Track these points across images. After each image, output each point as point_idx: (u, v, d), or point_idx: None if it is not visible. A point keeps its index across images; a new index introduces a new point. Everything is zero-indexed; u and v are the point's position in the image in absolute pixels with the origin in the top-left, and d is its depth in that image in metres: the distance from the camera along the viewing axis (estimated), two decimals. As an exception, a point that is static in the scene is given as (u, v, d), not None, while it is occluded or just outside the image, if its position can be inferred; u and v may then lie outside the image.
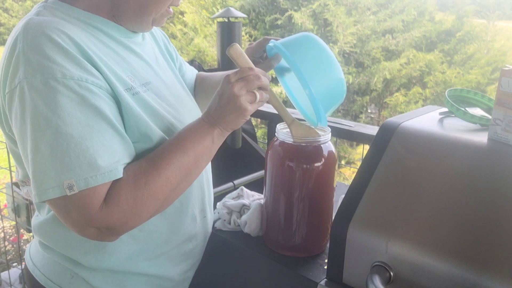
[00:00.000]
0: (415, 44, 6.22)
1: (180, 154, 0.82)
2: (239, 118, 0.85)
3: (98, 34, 0.85)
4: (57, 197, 0.73)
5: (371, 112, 6.48)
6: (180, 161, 0.82)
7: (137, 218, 0.80)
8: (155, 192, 0.79)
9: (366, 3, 6.32)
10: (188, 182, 0.88)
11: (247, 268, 1.10)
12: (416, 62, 5.85)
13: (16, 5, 7.04)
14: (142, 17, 0.88)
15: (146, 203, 0.79)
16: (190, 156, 0.83)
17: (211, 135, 0.85)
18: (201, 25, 6.15)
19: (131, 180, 0.78)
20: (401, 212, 0.82)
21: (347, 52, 6.07)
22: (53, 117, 0.73)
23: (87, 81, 0.76)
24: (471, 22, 6.30)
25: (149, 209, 0.81)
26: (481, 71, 5.68)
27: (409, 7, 6.30)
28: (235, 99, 0.82)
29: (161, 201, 0.82)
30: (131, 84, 0.84)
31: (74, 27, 0.81)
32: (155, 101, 0.89)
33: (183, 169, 0.83)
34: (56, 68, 0.74)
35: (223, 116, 0.84)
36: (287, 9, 6.22)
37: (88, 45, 0.80)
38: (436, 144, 0.87)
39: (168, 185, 0.81)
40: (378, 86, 5.91)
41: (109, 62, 0.82)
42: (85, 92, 0.75)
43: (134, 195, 0.77)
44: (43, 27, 0.77)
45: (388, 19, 6.24)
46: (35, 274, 0.94)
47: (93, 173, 0.73)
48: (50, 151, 0.73)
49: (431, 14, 6.61)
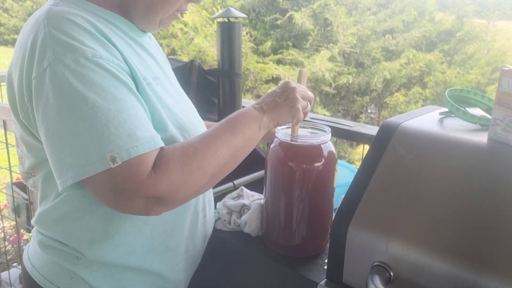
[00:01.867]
0: (415, 44, 6.22)
1: (229, 133, 0.86)
2: (289, 115, 0.93)
3: (112, 28, 0.87)
4: (101, 171, 0.73)
5: (371, 112, 6.48)
6: (229, 139, 0.85)
7: (186, 188, 0.80)
8: (203, 164, 0.81)
9: (366, 3, 6.32)
10: (235, 162, 0.89)
11: (247, 268, 1.10)
12: (416, 62, 5.85)
13: (16, 5, 7.04)
14: (150, 16, 0.90)
15: (194, 173, 0.80)
16: (239, 137, 0.87)
17: (259, 121, 0.90)
18: (201, 25, 6.15)
19: (179, 150, 0.80)
20: (401, 212, 0.82)
21: (347, 52, 6.08)
22: (89, 93, 0.74)
23: (113, 61, 0.79)
24: (471, 22, 6.31)
25: (197, 181, 0.81)
26: (481, 71, 5.68)
27: (409, 7, 6.31)
28: (294, 99, 0.93)
29: (209, 175, 0.83)
30: (144, 74, 0.87)
31: (92, 19, 0.83)
32: (164, 95, 0.91)
33: (231, 148, 0.85)
34: (86, 48, 0.76)
35: (277, 107, 0.92)
36: (287, 9, 6.22)
37: (106, 32, 0.83)
38: (436, 144, 0.87)
39: (216, 160, 0.83)
40: (378, 86, 5.91)
41: (124, 52, 0.84)
42: (115, 70, 0.78)
43: (183, 164, 0.78)
44: (65, 13, 0.79)
45: (388, 19, 6.25)
46: (33, 275, 0.94)
47: (134, 143, 0.74)
48: (88, 125, 0.74)
49: (431, 14, 6.62)
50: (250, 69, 5.88)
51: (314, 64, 5.68)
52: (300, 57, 5.94)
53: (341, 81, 5.85)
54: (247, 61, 5.94)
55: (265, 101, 0.93)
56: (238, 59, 1.57)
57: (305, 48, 6.18)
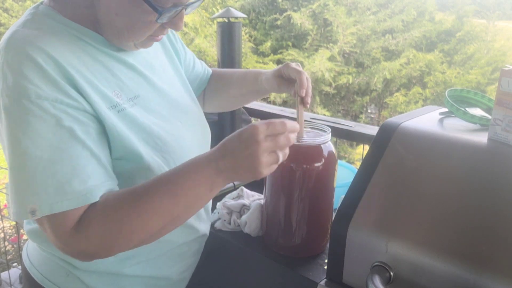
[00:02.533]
0: (415, 44, 6.23)
1: (168, 200, 0.74)
2: (250, 178, 0.76)
3: (86, 46, 0.82)
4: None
5: (371, 112, 6.49)
6: (167, 208, 0.74)
7: (108, 252, 0.76)
8: (129, 233, 0.74)
9: (366, 3, 6.32)
10: (172, 227, 0.81)
11: (247, 268, 1.10)
12: (416, 62, 5.86)
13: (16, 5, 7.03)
14: (120, 40, 0.84)
15: (117, 240, 0.74)
16: (180, 204, 0.76)
17: (211, 182, 0.76)
18: (201, 25, 6.15)
19: (106, 213, 0.73)
20: (401, 212, 0.82)
21: (347, 52, 6.08)
22: (24, 138, 0.71)
23: (62, 102, 0.73)
24: (471, 22, 6.31)
25: (121, 247, 0.76)
26: (481, 71, 5.69)
27: (409, 7, 6.31)
28: (256, 160, 0.73)
29: (135, 243, 0.77)
30: (116, 100, 0.81)
31: (61, 41, 0.78)
32: (142, 116, 0.85)
33: (168, 216, 0.76)
34: (32, 88, 0.71)
35: (235, 169, 0.75)
36: (287, 10, 6.23)
37: (72, 62, 0.77)
38: (436, 144, 0.87)
39: (144, 231, 0.75)
40: (378, 86, 5.91)
41: (93, 79, 0.79)
42: (60, 114, 0.72)
43: (104, 230, 0.73)
44: (26, 43, 0.74)
45: (388, 19, 6.25)
46: (32, 272, 0.94)
47: (59, 198, 0.70)
48: (17, 172, 0.72)
49: (431, 14, 6.62)
50: (250, 69, 5.88)
51: (314, 64, 5.68)
52: (300, 57, 5.94)
53: (341, 81, 5.86)
54: (247, 61, 5.94)
55: (225, 156, 0.75)
56: (238, 59, 1.57)
57: (304, 48, 6.18)
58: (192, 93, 1.07)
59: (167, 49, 1.04)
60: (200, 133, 1.02)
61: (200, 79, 1.17)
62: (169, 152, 0.88)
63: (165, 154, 0.88)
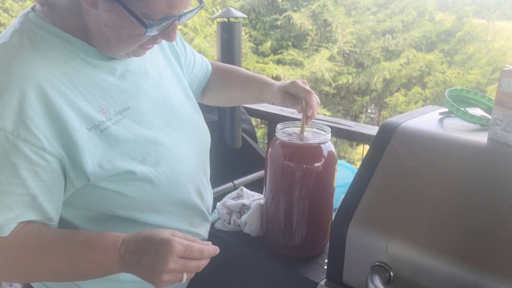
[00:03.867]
0: (415, 44, 6.23)
1: (65, 264, 0.77)
2: (147, 281, 0.77)
3: (75, 59, 0.81)
4: None
5: (371, 112, 6.49)
6: (61, 270, 0.78)
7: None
8: (20, 276, 0.81)
9: (365, 3, 6.33)
10: (62, 281, 0.87)
11: (247, 268, 1.10)
12: (416, 62, 5.86)
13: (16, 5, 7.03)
14: (110, 50, 0.82)
15: (5, 276, 0.81)
16: (75, 271, 0.79)
17: (110, 268, 0.78)
18: (201, 25, 6.15)
19: (5, 252, 0.76)
20: (401, 212, 0.82)
21: (347, 52, 6.08)
22: None
23: (18, 135, 0.72)
24: (471, 22, 6.31)
25: (11, 280, 0.85)
26: (481, 71, 5.69)
27: (409, 7, 6.31)
28: (159, 275, 0.74)
29: (26, 281, 0.86)
30: (99, 119, 0.80)
31: (47, 59, 0.77)
32: (131, 130, 0.85)
33: (60, 276, 0.81)
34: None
35: (137, 269, 0.76)
36: (287, 10, 6.23)
37: (55, 84, 0.76)
38: (436, 144, 0.87)
39: (34, 278, 0.83)
40: (378, 86, 5.91)
41: (77, 99, 0.78)
42: (9, 147, 0.72)
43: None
44: (7, 65, 0.74)
45: (388, 19, 6.25)
46: None
47: None
48: None
49: (431, 14, 6.62)
50: (250, 69, 5.87)
51: (314, 64, 5.68)
52: (300, 57, 5.94)
53: (341, 81, 5.86)
54: (247, 61, 5.94)
55: (132, 255, 0.75)
56: (238, 59, 1.57)
57: (304, 48, 6.18)
58: (192, 98, 1.05)
59: (166, 52, 1.03)
60: (198, 141, 1.01)
61: (200, 77, 1.17)
62: (161, 164, 0.87)
63: (157, 167, 0.87)
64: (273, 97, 1.05)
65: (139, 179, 0.84)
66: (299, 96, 0.99)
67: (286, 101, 1.02)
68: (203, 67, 1.18)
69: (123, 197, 0.84)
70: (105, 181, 0.81)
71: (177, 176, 0.90)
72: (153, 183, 0.86)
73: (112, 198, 0.83)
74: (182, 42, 1.11)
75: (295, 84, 0.99)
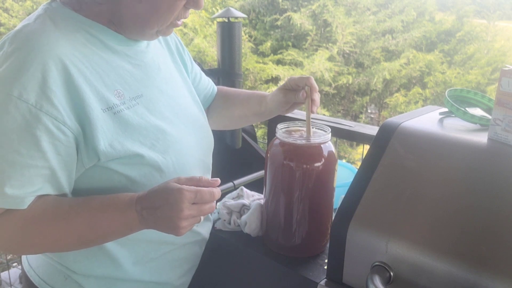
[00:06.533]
0: (415, 45, 6.22)
1: (86, 227, 0.79)
2: (170, 233, 0.80)
3: (95, 43, 0.83)
4: None
5: (371, 112, 6.49)
6: (82, 233, 0.80)
7: (18, 252, 0.83)
8: (39, 246, 0.82)
9: (365, 4, 6.32)
10: (84, 247, 0.86)
11: (247, 268, 1.10)
12: (416, 63, 5.86)
13: (16, 5, 7.03)
14: (143, 30, 0.86)
15: (26, 249, 0.84)
16: (97, 233, 0.81)
17: (131, 226, 0.80)
18: (201, 26, 6.15)
19: (24, 223, 0.77)
20: (401, 212, 0.82)
21: (347, 52, 6.08)
22: None
23: (41, 108, 0.73)
24: (471, 22, 6.30)
25: (30, 252, 0.86)
26: (481, 71, 5.68)
27: (409, 7, 6.31)
28: (177, 223, 0.77)
29: (46, 250, 0.86)
30: (114, 102, 0.82)
31: (69, 39, 0.79)
32: (142, 116, 0.86)
33: (81, 239, 0.81)
34: (17, 86, 0.72)
35: (156, 223, 0.79)
36: (287, 10, 6.23)
37: (76, 63, 0.78)
38: (436, 144, 0.87)
39: (55, 247, 0.84)
40: (378, 86, 5.91)
41: (94, 80, 0.80)
42: (32, 119, 0.73)
43: (16, 236, 0.79)
44: (31, 41, 0.76)
45: (387, 19, 6.25)
46: (30, 275, 0.94)
47: None
48: None
49: (431, 14, 6.62)
50: (249, 69, 5.88)
51: (313, 64, 5.68)
52: (300, 57, 5.94)
53: (341, 81, 5.85)
54: (247, 61, 5.94)
55: (148, 210, 0.78)
56: (238, 59, 1.57)
57: (304, 48, 6.18)
58: (198, 102, 1.07)
59: (175, 59, 1.05)
60: (203, 140, 1.02)
61: (204, 95, 1.18)
62: (169, 152, 0.89)
63: (165, 154, 0.88)
64: (274, 100, 1.06)
65: (148, 164, 0.85)
66: (298, 87, 1.00)
67: (287, 95, 1.03)
68: (208, 86, 1.20)
69: (131, 182, 0.85)
70: (114, 162, 0.82)
71: (184, 167, 0.92)
72: (161, 170, 0.87)
73: (120, 181, 0.84)
74: (190, 58, 1.14)
75: (292, 77, 1.02)
